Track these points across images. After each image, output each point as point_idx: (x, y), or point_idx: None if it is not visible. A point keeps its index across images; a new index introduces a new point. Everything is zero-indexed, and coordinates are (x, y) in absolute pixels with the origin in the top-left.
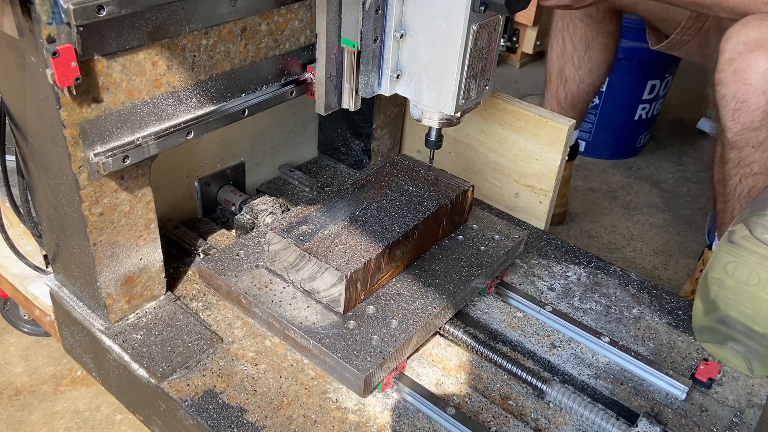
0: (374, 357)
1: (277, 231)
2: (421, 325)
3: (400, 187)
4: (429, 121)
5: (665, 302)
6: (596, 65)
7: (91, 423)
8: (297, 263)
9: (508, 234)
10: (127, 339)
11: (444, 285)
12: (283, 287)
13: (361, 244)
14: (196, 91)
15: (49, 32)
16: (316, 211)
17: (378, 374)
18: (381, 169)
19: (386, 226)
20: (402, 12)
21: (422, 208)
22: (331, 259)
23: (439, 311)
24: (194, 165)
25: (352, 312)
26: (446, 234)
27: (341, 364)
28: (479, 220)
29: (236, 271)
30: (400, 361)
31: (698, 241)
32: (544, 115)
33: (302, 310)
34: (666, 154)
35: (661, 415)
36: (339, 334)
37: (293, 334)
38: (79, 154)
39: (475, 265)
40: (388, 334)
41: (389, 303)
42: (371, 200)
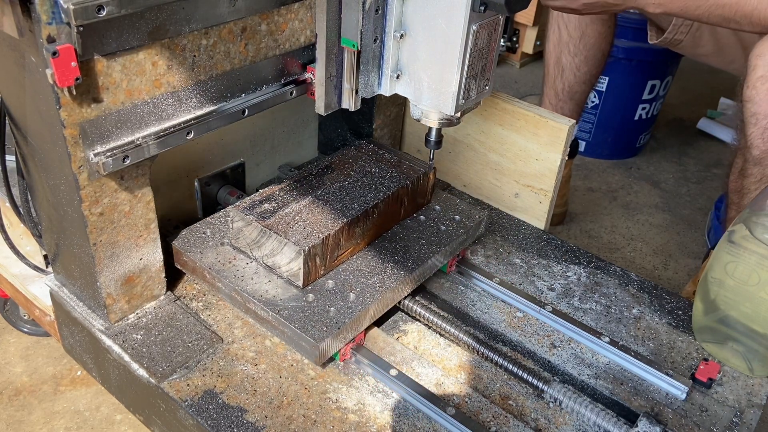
0: (330, 327)
1: (240, 209)
2: (378, 299)
3: (363, 169)
4: (429, 121)
5: (665, 302)
6: (592, 53)
7: (91, 423)
8: (259, 239)
9: (470, 214)
10: (127, 339)
11: (403, 261)
12: (246, 263)
13: (320, 221)
14: (196, 91)
15: (49, 32)
16: (280, 190)
17: (334, 344)
18: (345, 152)
19: (347, 205)
20: (402, 12)
21: (383, 189)
22: (290, 235)
23: (396, 285)
24: (194, 165)
25: (312, 286)
26: (408, 214)
27: (298, 333)
28: (442, 202)
29: (202, 248)
30: (357, 332)
31: (698, 241)
32: (544, 115)
33: (264, 284)
34: (666, 154)
35: (661, 415)
36: (297, 306)
37: (254, 307)
38: (79, 154)
39: (435, 243)
40: (345, 306)
41: (348, 278)
42: (334, 180)
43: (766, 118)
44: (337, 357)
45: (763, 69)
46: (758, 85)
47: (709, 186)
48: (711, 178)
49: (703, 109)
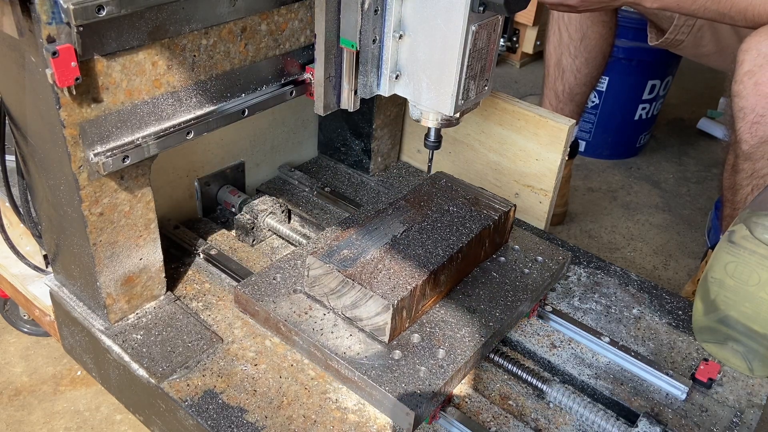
0: (424, 390)
1: (318, 255)
2: (470, 355)
3: (441, 208)
4: (428, 121)
5: (665, 302)
6: (592, 55)
7: (91, 423)
8: (339, 289)
9: (552, 255)
10: (127, 339)
11: (489, 311)
12: (323, 314)
13: (405, 270)
14: (196, 91)
15: (49, 32)
16: (356, 233)
17: (428, 408)
18: (419, 187)
19: (430, 250)
20: (401, 12)
21: (465, 230)
22: (375, 286)
23: (486, 339)
24: (194, 165)
25: (397, 341)
26: (488, 256)
27: (390, 398)
28: (520, 241)
29: (274, 297)
30: (448, 392)
31: (698, 241)
32: (544, 115)
33: (345, 338)
34: (666, 154)
35: (661, 415)
36: (385, 365)
37: (337, 365)
38: (78, 154)
39: (520, 289)
40: (436, 364)
41: (434, 331)
42: (412, 222)
43: (753, 112)
44: (427, 421)
45: (750, 64)
46: (745, 80)
47: (709, 186)
48: (711, 178)
49: (703, 109)
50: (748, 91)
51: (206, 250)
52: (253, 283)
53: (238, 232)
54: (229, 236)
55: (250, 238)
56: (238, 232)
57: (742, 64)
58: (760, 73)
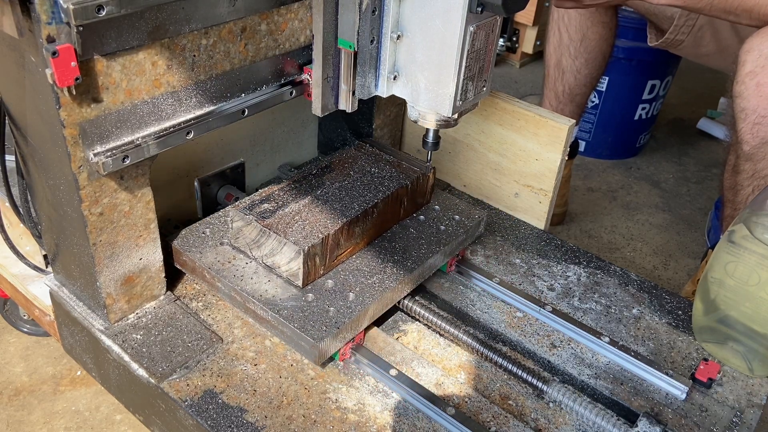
0: (329, 327)
1: (239, 208)
2: (377, 298)
3: (363, 169)
4: (426, 122)
5: (665, 302)
6: (592, 56)
7: (91, 423)
8: (258, 239)
9: (469, 214)
10: (127, 339)
11: (402, 261)
12: (245, 263)
13: (320, 221)
14: (195, 91)
15: (49, 32)
16: (279, 190)
17: (333, 344)
18: (345, 152)
19: (346, 204)
20: (399, 13)
21: (383, 188)
22: (290, 235)
23: (395, 285)
24: (194, 165)
25: (311, 286)
26: (408, 214)
27: (297, 333)
28: (442, 202)
29: (201, 248)
30: (356, 332)
31: (698, 241)
32: (544, 115)
33: (263, 284)
34: (666, 154)
35: (661, 415)
36: (297, 306)
37: (253, 306)
38: (78, 154)
39: (434, 243)
40: (345, 306)
41: (348, 277)
42: (333, 180)
43: (755, 112)
44: (337, 357)
45: (752, 64)
46: (747, 81)
47: (709, 186)
48: (711, 178)
49: (703, 109)
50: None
51: None
52: (184, 236)
53: None
54: None
55: None
56: None
57: (744, 64)
58: (762, 73)
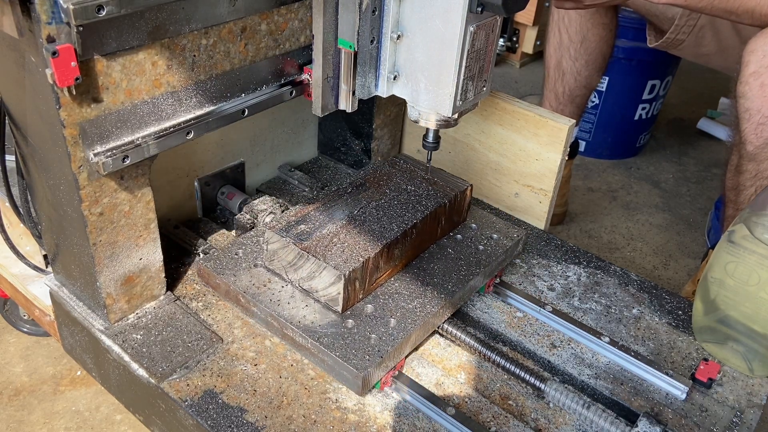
0: (372, 356)
1: (276, 230)
2: (420, 324)
3: (399, 187)
4: (426, 122)
5: (665, 302)
6: (593, 57)
7: (91, 423)
8: (295, 262)
9: (507, 233)
10: (127, 339)
11: (442, 284)
12: (281, 286)
13: (359, 243)
14: (196, 91)
15: (49, 32)
16: (315, 210)
17: (376, 373)
18: (379, 168)
19: (385, 225)
20: (399, 13)
21: (421, 207)
22: (329, 258)
23: (437, 310)
24: (194, 165)
25: (351, 311)
26: (445, 233)
27: (339, 362)
28: (478, 220)
29: (234, 270)
30: (399, 359)
31: (698, 241)
32: (544, 115)
33: (301, 309)
34: (666, 154)
35: (661, 415)
36: (337, 332)
37: (292, 333)
38: (78, 154)
39: (474, 264)
40: (387, 332)
41: (387, 302)
42: (370, 199)
43: (759, 113)
44: (378, 386)
45: (756, 65)
46: (750, 81)
47: (709, 186)
48: (711, 178)
49: (703, 109)
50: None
51: (206, 250)
52: (216, 258)
53: (237, 232)
54: (229, 236)
55: None
56: (238, 232)
57: (748, 65)
58: (766, 74)
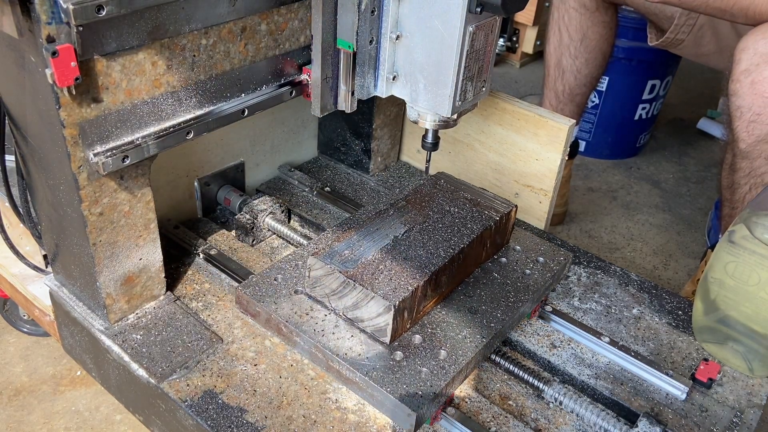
0: (425, 391)
1: (320, 256)
2: (471, 355)
3: (442, 208)
4: (425, 123)
5: (665, 302)
6: (593, 56)
7: (91, 423)
8: (340, 290)
9: (553, 256)
10: (127, 339)
11: (491, 311)
12: (324, 315)
13: (406, 271)
14: (195, 91)
15: (49, 32)
16: (357, 234)
17: (430, 409)
18: (420, 188)
19: (431, 251)
20: (398, 13)
21: (466, 231)
22: (377, 287)
23: (488, 340)
24: (194, 165)
25: (398, 342)
26: (489, 257)
27: (391, 399)
28: (521, 242)
29: (275, 297)
30: (450, 393)
31: (698, 241)
32: (544, 115)
33: (346, 339)
34: (666, 154)
35: (661, 415)
36: (386, 366)
37: (338, 366)
38: (78, 154)
39: (522, 290)
40: (438, 365)
41: (436, 332)
42: (413, 222)
43: (750, 110)
44: (428, 422)
45: (747, 62)
46: (742, 79)
47: (709, 186)
48: (711, 178)
49: (703, 109)
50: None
51: (206, 250)
52: (254, 284)
53: (238, 232)
54: (229, 236)
55: (249, 238)
56: (238, 232)
57: (739, 62)
58: (756, 71)
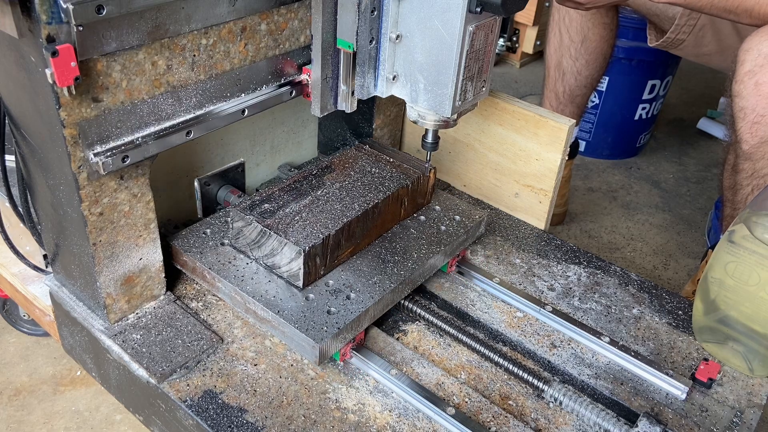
0: (330, 327)
1: (240, 209)
2: (377, 299)
3: (363, 169)
4: (425, 123)
5: (665, 302)
6: (593, 57)
7: (91, 423)
8: (258, 240)
9: (469, 214)
10: (127, 339)
11: (402, 262)
12: (246, 263)
13: (320, 221)
14: (195, 91)
15: (49, 32)
16: (279, 190)
17: (334, 344)
18: (345, 152)
19: (347, 205)
20: (398, 13)
21: (383, 189)
22: (290, 235)
23: (395, 286)
24: (194, 165)
25: (312, 286)
26: (408, 215)
27: (298, 334)
28: (442, 202)
29: (201, 248)
30: (357, 332)
31: (698, 241)
32: (544, 115)
33: (264, 284)
34: (666, 154)
35: (661, 415)
36: (297, 306)
37: (254, 307)
38: (78, 154)
39: (435, 243)
40: (345, 306)
41: (348, 277)
42: (334, 181)
43: (754, 112)
44: (337, 357)
45: (751, 63)
46: (746, 80)
47: (709, 186)
48: (711, 178)
49: (703, 109)
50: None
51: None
52: (184, 237)
53: None
54: None
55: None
56: None
57: (743, 63)
58: (760, 73)
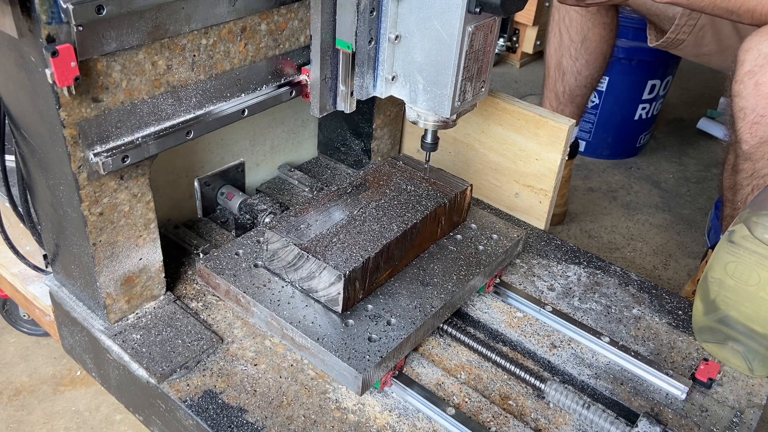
0: (372, 356)
1: (276, 230)
2: (419, 324)
3: (399, 187)
4: (424, 123)
5: (665, 302)
6: (593, 57)
7: (91, 423)
8: (295, 262)
9: (507, 233)
10: (127, 339)
11: (442, 284)
12: (281, 286)
13: (359, 243)
14: (195, 90)
15: (49, 32)
16: (315, 210)
17: (376, 373)
18: (379, 168)
19: (385, 225)
20: (397, 14)
21: (420, 208)
22: (329, 258)
23: (437, 310)
24: (194, 165)
25: (351, 311)
26: (445, 233)
27: (339, 363)
28: (478, 220)
29: (234, 270)
30: (398, 359)
31: (698, 241)
32: (544, 115)
33: (301, 309)
34: (666, 154)
35: (661, 415)
36: (337, 332)
37: (292, 333)
38: (78, 154)
39: (474, 264)
40: (386, 332)
41: (387, 302)
42: (369, 199)
43: (754, 112)
44: (378, 386)
45: (751, 64)
46: (746, 80)
47: (709, 186)
48: (711, 178)
49: (703, 109)
50: (749, 91)
51: (206, 250)
52: (215, 258)
53: (237, 232)
54: (229, 236)
55: None
56: (238, 232)
57: (743, 63)
58: (760, 73)
